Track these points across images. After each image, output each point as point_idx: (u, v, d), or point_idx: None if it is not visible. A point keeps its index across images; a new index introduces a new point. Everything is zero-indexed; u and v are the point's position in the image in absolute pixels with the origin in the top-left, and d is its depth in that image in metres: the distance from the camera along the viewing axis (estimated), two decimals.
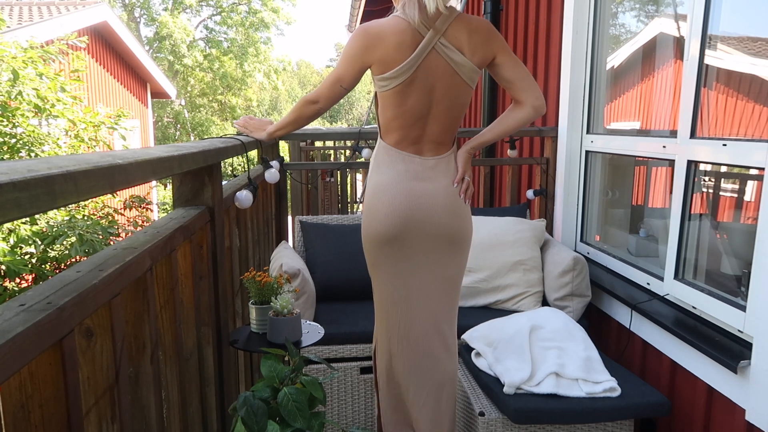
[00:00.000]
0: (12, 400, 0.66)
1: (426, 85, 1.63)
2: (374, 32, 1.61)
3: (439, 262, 1.73)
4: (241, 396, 1.21)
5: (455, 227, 1.71)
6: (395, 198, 1.67)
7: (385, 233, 1.69)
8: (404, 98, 1.65)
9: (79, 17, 7.68)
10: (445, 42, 1.60)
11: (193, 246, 1.38)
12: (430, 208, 1.68)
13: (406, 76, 1.61)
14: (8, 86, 3.88)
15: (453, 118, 1.70)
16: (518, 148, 3.33)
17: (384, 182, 1.70)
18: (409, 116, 1.67)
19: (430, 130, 1.69)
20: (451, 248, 1.73)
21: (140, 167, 0.88)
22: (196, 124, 21.15)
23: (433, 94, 1.64)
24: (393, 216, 1.67)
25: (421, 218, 1.68)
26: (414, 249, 1.71)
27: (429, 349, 1.77)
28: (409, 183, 1.68)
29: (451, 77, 1.63)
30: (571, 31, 2.89)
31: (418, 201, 1.67)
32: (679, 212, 2.11)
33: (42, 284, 0.78)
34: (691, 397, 1.97)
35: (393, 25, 1.60)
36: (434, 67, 1.61)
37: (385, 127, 1.72)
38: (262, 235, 2.71)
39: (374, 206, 1.71)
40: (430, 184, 1.69)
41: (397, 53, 1.59)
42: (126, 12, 21.42)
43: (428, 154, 1.71)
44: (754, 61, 1.96)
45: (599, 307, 2.59)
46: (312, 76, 36.30)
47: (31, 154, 4.11)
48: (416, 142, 1.70)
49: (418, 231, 1.69)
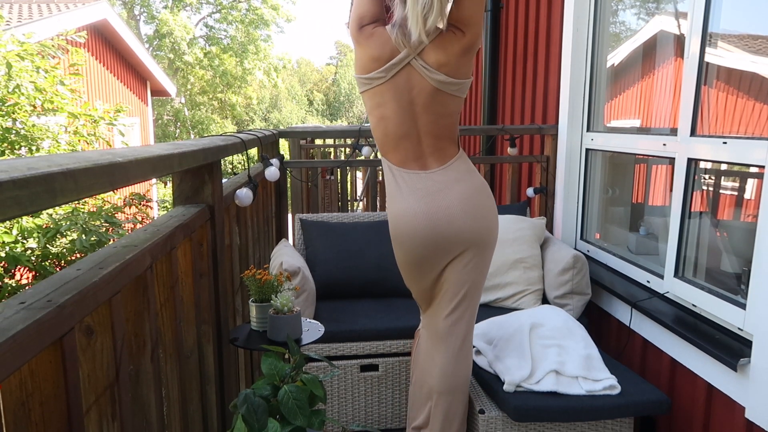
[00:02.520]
0: (12, 397, 0.66)
1: (402, 100, 1.65)
2: (366, 32, 1.66)
3: (463, 265, 1.73)
4: (242, 394, 1.21)
5: (475, 229, 1.69)
6: (414, 224, 1.68)
7: (414, 260, 1.73)
8: (383, 109, 1.67)
9: (79, 15, 7.66)
10: (421, 60, 1.61)
11: (194, 244, 1.38)
12: (449, 220, 1.67)
13: (375, 84, 1.65)
14: (5, 80, 3.87)
15: (444, 126, 1.69)
16: (518, 146, 3.33)
17: (400, 212, 1.70)
18: (394, 135, 1.69)
19: (426, 143, 1.69)
20: (475, 250, 1.72)
21: (140, 165, 0.88)
22: (196, 122, 21.15)
23: (414, 110, 1.66)
24: (417, 244, 1.69)
25: (443, 231, 1.67)
26: (441, 259, 1.72)
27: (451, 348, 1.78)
28: (423, 202, 1.68)
29: (433, 94, 1.64)
30: (572, 28, 2.89)
31: (438, 217, 1.67)
32: (679, 210, 2.11)
33: (42, 282, 0.78)
34: (691, 395, 1.97)
35: (379, 35, 1.63)
36: (411, 84, 1.63)
37: (382, 147, 1.75)
38: (262, 233, 2.72)
39: (398, 237, 1.73)
40: (443, 196, 1.68)
41: (371, 62, 1.64)
42: (126, 10, 21.40)
43: (433, 165, 1.70)
44: (755, 59, 1.96)
45: (599, 305, 2.59)
46: (312, 74, 36.26)
47: (32, 148, 4.10)
48: (418, 157, 1.70)
49: (443, 243, 1.69)
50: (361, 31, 1.64)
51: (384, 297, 2.65)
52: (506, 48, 3.96)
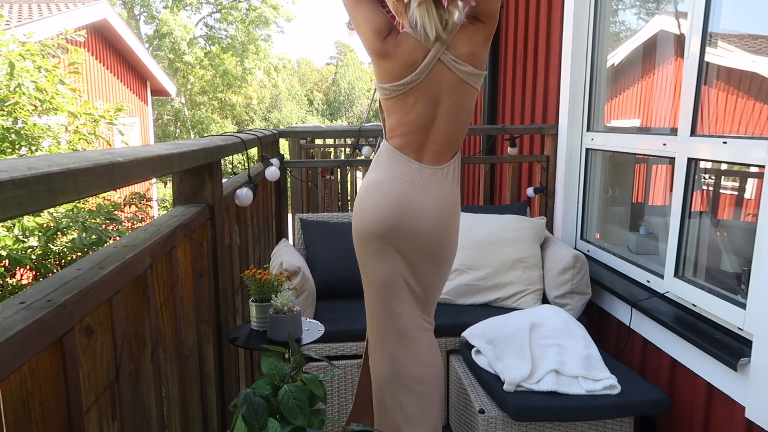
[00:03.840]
0: (13, 397, 0.66)
1: (431, 96, 1.65)
2: (391, 43, 1.63)
3: (420, 271, 1.73)
4: (242, 393, 1.21)
5: (440, 240, 1.71)
6: (384, 197, 1.68)
7: (371, 230, 1.70)
8: (409, 107, 1.67)
9: (79, 15, 7.66)
10: (450, 54, 1.62)
11: (194, 244, 1.38)
12: (417, 216, 1.68)
13: (409, 87, 1.64)
14: (6, 79, 3.88)
15: (459, 125, 1.71)
16: (518, 145, 3.33)
17: (378, 180, 1.71)
18: (413, 125, 1.69)
19: (433, 139, 1.70)
20: (434, 261, 1.73)
21: (140, 165, 0.88)
22: (196, 121, 21.14)
23: (439, 105, 1.67)
24: (379, 213, 1.68)
25: (407, 223, 1.68)
26: (398, 252, 1.71)
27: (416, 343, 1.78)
28: (402, 186, 1.69)
29: (459, 86, 1.65)
30: (572, 28, 2.89)
31: (407, 206, 1.68)
32: (679, 210, 2.11)
33: (42, 282, 0.78)
34: (691, 395, 1.97)
35: (405, 42, 1.62)
36: (440, 78, 1.64)
37: (390, 131, 1.74)
38: (262, 233, 2.72)
39: (364, 202, 1.72)
40: (422, 192, 1.69)
41: (404, 69, 1.62)
42: (126, 10, 21.39)
43: (428, 162, 1.72)
44: (755, 59, 1.96)
45: (599, 304, 2.59)
46: (312, 74, 36.26)
47: (32, 148, 4.10)
48: (419, 149, 1.71)
49: (403, 236, 1.69)
50: (386, 42, 1.62)
51: None
52: (506, 48, 3.96)
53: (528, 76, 3.58)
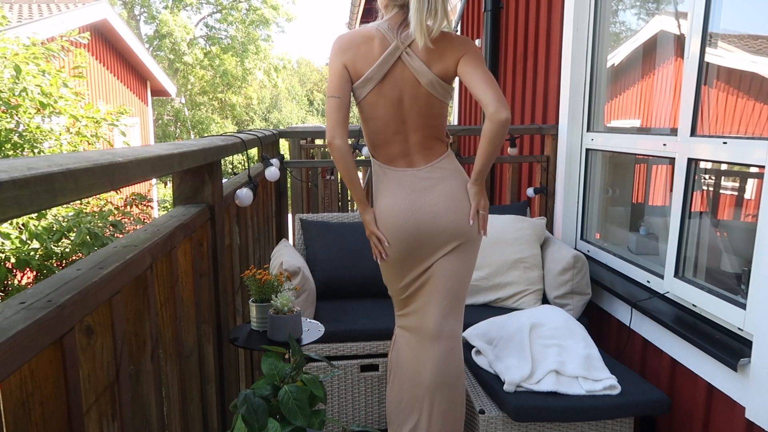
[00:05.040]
0: (13, 397, 0.66)
1: (393, 95, 1.68)
2: (346, 38, 1.70)
3: (447, 260, 1.76)
4: (242, 394, 1.21)
5: (459, 223, 1.73)
6: (397, 219, 1.73)
7: (399, 255, 1.76)
8: (375, 109, 1.70)
9: (80, 15, 7.67)
10: (410, 51, 1.64)
11: (194, 244, 1.38)
12: (434, 216, 1.72)
13: (373, 84, 1.67)
14: (11, 83, 3.88)
15: (431, 126, 1.73)
16: (519, 146, 3.33)
17: (386, 207, 1.75)
18: (385, 130, 1.72)
19: (413, 141, 1.73)
20: (460, 244, 1.75)
21: (140, 165, 0.88)
22: (196, 122, 21.14)
23: (402, 105, 1.69)
24: (402, 239, 1.73)
25: (428, 228, 1.72)
26: (425, 254, 1.76)
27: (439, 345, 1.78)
28: (407, 200, 1.72)
29: (416, 88, 1.67)
30: (572, 28, 2.89)
31: (421, 213, 1.72)
32: (679, 210, 2.11)
33: (42, 282, 0.78)
34: (691, 395, 1.97)
35: (363, 34, 1.67)
36: (400, 77, 1.66)
37: (372, 145, 1.78)
38: (262, 233, 2.72)
39: (384, 233, 1.77)
40: (428, 194, 1.73)
41: (366, 61, 1.66)
42: (126, 10, 21.39)
43: (420, 164, 1.74)
44: (755, 59, 1.96)
45: (599, 305, 2.59)
46: (312, 74, 36.25)
47: (34, 151, 4.11)
48: (405, 155, 1.75)
49: (426, 240, 1.74)
50: (358, 89, 1.69)
51: (384, 297, 2.64)
52: (506, 48, 3.96)
53: (528, 76, 3.58)
